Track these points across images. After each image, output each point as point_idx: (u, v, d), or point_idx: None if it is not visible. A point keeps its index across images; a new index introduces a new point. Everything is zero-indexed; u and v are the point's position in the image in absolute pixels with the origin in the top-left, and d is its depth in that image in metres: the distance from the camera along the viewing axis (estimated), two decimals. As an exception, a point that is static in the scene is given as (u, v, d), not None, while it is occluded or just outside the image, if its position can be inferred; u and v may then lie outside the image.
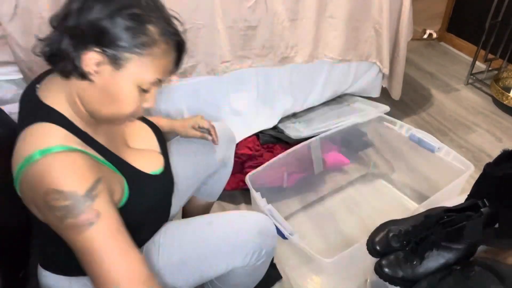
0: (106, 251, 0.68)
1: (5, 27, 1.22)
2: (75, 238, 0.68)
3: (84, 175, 0.69)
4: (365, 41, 1.77)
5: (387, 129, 1.61)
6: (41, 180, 0.67)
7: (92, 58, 0.69)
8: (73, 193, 0.67)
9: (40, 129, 0.72)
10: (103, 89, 0.72)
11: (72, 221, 0.67)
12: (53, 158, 0.68)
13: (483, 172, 1.08)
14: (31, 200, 0.74)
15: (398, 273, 1.01)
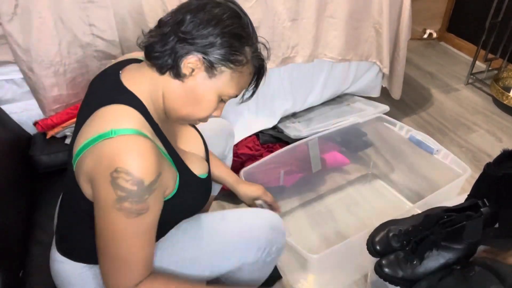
0: (137, 240, 0.75)
1: (5, 27, 1.22)
2: (120, 219, 0.72)
3: (152, 166, 0.72)
4: (365, 41, 1.77)
5: (387, 129, 1.61)
6: (115, 157, 0.70)
7: (192, 62, 0.76)
8: (140, 181, 0.71)
9: (119, 110, 0.75)
10: (190, 91, 0.79)
11: (128, 206, 0.71)
12: (128, 140, 0.71)
13: (483, 172, 1.08)
14: (88, 174, 0.74)
15: (398, 273, 1.01)
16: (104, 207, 0.73)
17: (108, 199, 0.71)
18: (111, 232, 0.74)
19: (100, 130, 0.72)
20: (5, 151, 1.20)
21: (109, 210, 0.72)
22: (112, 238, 0.74)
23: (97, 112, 0.76)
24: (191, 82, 0.78)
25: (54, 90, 1.35)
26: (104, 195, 0.72)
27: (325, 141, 1.67)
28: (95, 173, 0.73)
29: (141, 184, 0.71)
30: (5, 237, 1.02)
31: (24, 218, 1.18)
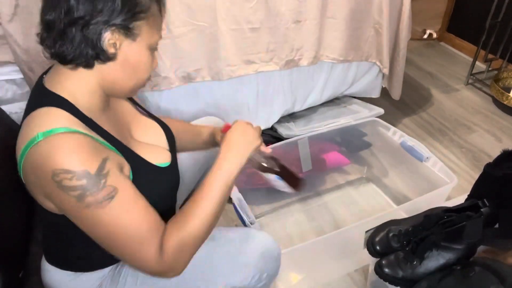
0: (130, 217, 0.72)
1: (5, 27, 1.22)
2: (97, 213, 0.69)
3: (91, 155, 0.69)
4: (365, 41, 1.77)
5: (382, 133, 1.63)
6: (46, 161, 0.67)
7: (111, 38, 0.72)
8: (84, 172, 0.67)
9: (43, 113, 0.72)
10: (125, 63, 0.76)
11: (92, 198, 0.68)
12: (57, 139, 0.68)
13: (483, 172, 1.08)
14: (36, 186, 0.73)
15: (398, 273, 1.01)
16: (74, 213, 0.70)
17: (70, 204, 0.69)
18: (101, 228, 0.71)
19: (28, 137, 0.69)
20: (5, 151, 1.19)
21: (81, 213, 0.69)
22: (108, 232, 0.71)
23: (25, 121, 0.74)
24: (121, 55, 0.75)
25: (54, 90, 1.35)
26: (64, 203, 0.69)
27: (325, 141, 1.67)
28: (40, 185, 0.70)
29: (87, 174, 0.67)
30: (5, 237, 1.02)
31: (24, 218, 1.18)
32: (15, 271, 1.04)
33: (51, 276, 0.91)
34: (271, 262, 0.95)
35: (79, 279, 0.89)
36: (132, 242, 0.72)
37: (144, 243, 0.72)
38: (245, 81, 1.67)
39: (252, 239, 0.96)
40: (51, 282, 0.91)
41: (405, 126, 2.14)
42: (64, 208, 0.71)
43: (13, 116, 1.38)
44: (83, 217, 0.70)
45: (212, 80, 1.55)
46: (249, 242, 0.95)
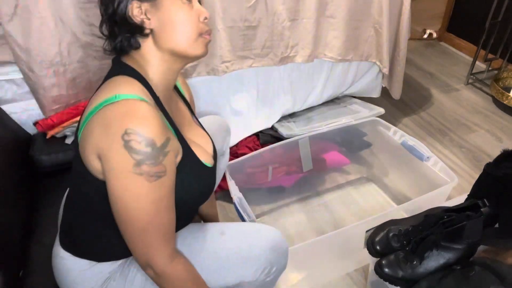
0: (159, 205, 0.74)
1: (5, 27, 1.22)
2: (142, 185, 0.71)
3: (160, 128, 0.72)
4: (365, 41, 1.77)
5: (383, 133, 1.63)
6: (121, 119, 0.70)
7: (135, 10, 0.76)
8: (152, 141, 0.70)
9: (122, 80, 0.77)
10: (162, 26, 0.79)
11: (147, 169, 0.70)
12: (133, 103, 0.72)
13: (483, 172, 1.08)
14: (96, 141, 0.73)
15: (398, 273, 1.01)
16: (121, 174, 0.71)
17: (126, 164, 0.70)
18: (135, 200, 0.72)
19: (104, 97, 0.73)
20: (5, 151, 1.20)
21: (128, 177, 0.70)
22: (138, 207, 0.72)
23: (101, 86, 0.78)
24: (154, 22, 0.78)
25: (54, 90, 1.35)
26: (120, 161, 0.70)
27: (325, 141, 1.67)
28: (104, 140, 0.71)
29: (153, 145, 0.70)
30: (5, 237, 1.02)
31: (24, 218, 1.18)
32: (15, 271, 1.04)
33: (64, 263, 0.91)
34: (280, 256, 0.96)
35: (92, 269, 0.89)
36: (150, 231, 0.74)
37: (161, 239, 0.76)
38: (245, 81, 1.67)
39: (262, 233, 0.97)
40: (62, 269, 0.91)
41: (405, 126, 2.14)
42: (114, 168, 0.71)
43: (13, 116, 1.38)
44: (127, 184, 0.71)
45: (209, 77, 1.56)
46: (259, 236, 0.96)
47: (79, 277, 0.90)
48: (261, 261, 0.92)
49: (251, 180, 1.56)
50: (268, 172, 1.59)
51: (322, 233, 1.56)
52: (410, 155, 1.49)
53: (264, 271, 0.93)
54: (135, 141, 0.69)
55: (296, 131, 1.72)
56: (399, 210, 1.27)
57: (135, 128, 0.69)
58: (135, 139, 0.69)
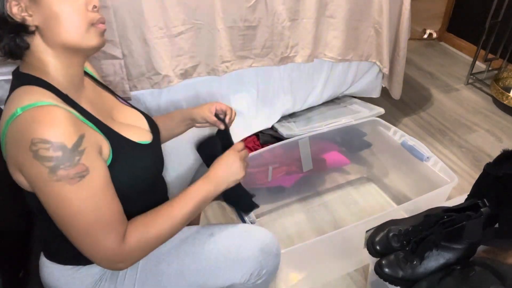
0: (96, 202, 0.72)
1: (5, 27, 1.22)
2: (65, 190, 0.69)
3: (68, 129, 0.69)
4: (365, 41, 1.77)
5: (383, 133, 1.63)
6: (26, 131, 0.68)
7: (14, 8, 0.72)
8: (61, 144, 0.68)
9: (21, 92, 0.73)
10: (46, 21, 0.74)
11: (64, 172, 0.68)
12: (36, 111, 0.69)
13: (483, 172, 1.08)
14: (12, 158, 0.72)
15: (398, 273, 1.01)
16: (42, 185, 0.70)
17: (41, 175, 0.68)
18: (66, 207, 0.70)
19: (8, 115, 0.70)
20: (5, 151, 1.19)
21: (48, 185, 0.69)
22: (71, 212, 0.71)
23: (5, 105, 0.75)
24: (37, 19, 0.74)
25: (54, 90, 1.35)
26: (35, 173, 0.69)
27: (325, 140, 1.67)
28: (17, 156, 0.70)
29: (63, 148, 0.68)
30: (5, 237, 1.02)
31: (24, 218, 1.18)
32: (15, 271, 1.04)
33: (50, 272, 0.90)
34: (270, 258, 0.94)
35: (79, 273, 0.88)
36: (93, 228, 0.73)
37: (105, 230, 0.73)
38: (245, 81, 1.67)
39: (252, 234, 0.96)
40: (50, 279, 0.91)
41: (405, 126, 2.14)
42: (34, 181, 0.71)
43: (13, 116, 1.38)
44: (50, 192, 0.70)
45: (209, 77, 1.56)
46: (248, 237, 0.95)
47: (68, 283, 0.89)
48: (250, 263, 0.91)
49: (251, 180, 1.56)
50: (268, 172, 1.59)
51: (322, 233, 1.56)
52: (410, 155, 1.49)
53: (254, 273, 0.92)
54: (43, 149, 0.67)
55: (296, 131, 1.72)
56: (399, 210, 1.27)
57: (39, 136, 0.67)
58: (42, 147, 0.67)
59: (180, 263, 0.90)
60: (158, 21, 1.39)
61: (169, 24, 1.41)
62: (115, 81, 1.45)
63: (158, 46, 1.42)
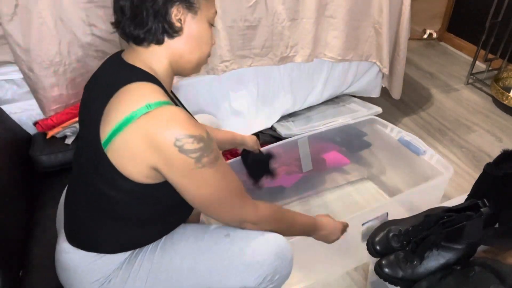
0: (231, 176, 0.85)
1: (5, 27, 1.22)
2: (209, 172, 0.78)
3: (196, 123, 0.78)
4: (365, 41, 1.77)
5: (380, 131, 1.63)
6: (166, 129, 0.74)
7: (176, 14, 0.81)
8: (201, 137, 0.76)
9: (142, 86, 0.78)
10: (189, 36, 0.84)
11: (207, 158, 0.77)
12: (168, 109, 0.75)
13: (483, 172, 1.08)
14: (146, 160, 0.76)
15: (398, 273, 1.00)
16: (187, 174, 0.77)
17: (188, 165, 0.76)
18: (208, 186, 0.80)
19: (133, 108, 0.74)
20: (5, 151, 1.20)
21: (194, 173, 0.77)
22: (213, 190, 0.81)
23: (117, 94, 0.77)
24: (187, 29, 0.83)
25: (54, 90, 1.35)
26: (181, 165, 0.76)
27: (325, 141, 1.67)
28: (157, 157, 0.75)
29: (203, 138, 0.77)
30: (5, 237, 1.02)
31: (24, 218, 1.18)
32: (15, 270, 1.04)
33: (71, 258, 0.90)
34: (284, 263, 0.94)
35: (101, 260, 0.89)
36: (235, 195, 0.86)
37: (241, 198, 0.87)
38: (245, 81, 1.68)
39: (267, 238, 0.94)
40: (69, 263, 0.91)
41: (405, 126, 2.14)
42: (177, 172, 0.77)
43: (13, 116, 1.38)
44: (195, 178, 0.78)
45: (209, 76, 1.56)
46: (264, 241, 0.94)
47: (87, 270, 0.90)
48: (264, 267, 0.90)
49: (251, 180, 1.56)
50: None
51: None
52: (408, 151, 1.49)
53: (267, 277, 0.91)
54: (188, 143, 0.74)
55: (295, 131, 1.72)
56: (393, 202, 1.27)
57: (182, 132, 0.74)
58: (187, 141, 0.74)
59: (193, 260, 0.91)
60: (158, 21, 1.39)
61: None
62: (115, 81, 1.45)
63: None
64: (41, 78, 1.31)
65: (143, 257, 0.91)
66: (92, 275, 0.90)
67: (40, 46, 1.27)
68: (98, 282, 0.89)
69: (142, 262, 0.91)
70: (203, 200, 0.83)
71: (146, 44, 0.82)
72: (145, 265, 0.91)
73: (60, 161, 1.34)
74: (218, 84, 1.63)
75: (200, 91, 1.61)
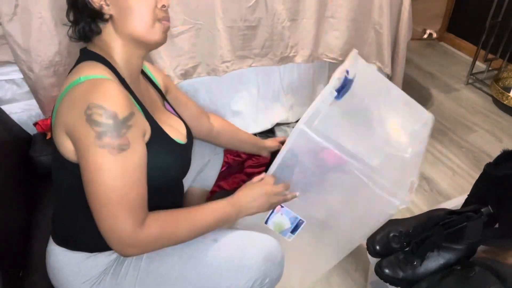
0: (128, 179, 0.75)
1: (5, 27, 1.22)
2: (104, 157, 0.72)
3: (123, 102, 0.75)
4: (366, 42, 1.77)
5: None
6: (85, 95, 0.74)
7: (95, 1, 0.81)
8: (114, 114, 0.73)
9: (87, 64, 0.81)
10: (120, 11, 0.82)
11: (109, 140, 0.72)
12: (99, 81, 0.76)
13: (483, 172, 1.08)
14: (64, 120, 0.76)
15: (398, 273, 1.00)
16: (85, 148, 0.73)
17: (88, 138, 0.72)
18: (99, 174, 0.73)
19: (71, 80, 0.77)
20: (5, 151, 1.19)
21: (91, 150, 0.72)
22: (102, 181, 0.73)
23: (70, 72, 0.83)
24: (113, 8, 0.82)
25: (54, 90, 1.35)
26: (84, 134, 0.73)
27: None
28: (70, 116, 0.75)
29: (115, 117, 0.73)
30: (5, 237, 1.02)
31: (24, 218, 1.18)
32: (15, 270, 1.04)
33: (59, 259, 0.90)
34: (274, 266, 0.93)
35: (87, 261, 0.89)
36: (117, 204, 0.74)
37: (127, 210, 0.74)
38: (245, 81, 1.68)
39: (256, 242, 0.94)
40: (57, 265, 0.91)
41: (405, 126, 2.14)
42: (79, 143, 0.74)
43: (13, 116, 1.38)
44: (91, 156, 0.73)
45: (209, 77, 1.56)
46: (253, 245, 0.93)
47: (75, 271, 0.89)
48: (253, 271, 0.90)
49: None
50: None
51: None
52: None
53: (256, 281, 0.90)
54: (97, 114, 0.71)
55: None
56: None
57: (97, 102, 0.72)
58: (97, 112, 0.72)
59: (182, 267, 0.90)
60: (158, 21, 1.39)
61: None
62: (115, 81, 1.45)
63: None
64: (41, 78, 1.31)
65: (130, 264, 0.90)
66: (80, 277, 0.89)
67: (40, 46, 1.27)
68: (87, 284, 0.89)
69: (129, 270, 0.90)
70: (92, 192, 0.74)
71: (91, 39, 0.85)
72: (132, 272, 0.89)
73: (60, 161, 1.34)
74: (218, 85, 1.63)
75: (200, 91, 1.61)
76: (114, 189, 0.74)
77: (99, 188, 0.73)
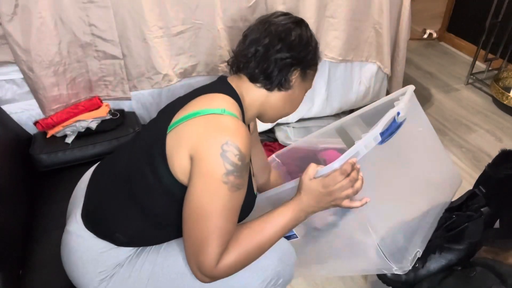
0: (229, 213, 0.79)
1: (5, 27, 1.22)
2: (224, 192, 0.77)
3: (249, 148, 0.81)
4: (365, 41, 1.77)
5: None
6: (226, 130, 0.78)
7: (295, 77, 0.91)
8: (244, 157, 0.79)
9: (227, 98, 0.86)
10: (290, 97, 0.93)
11: (233, 179, 0.77)
12: (238, 122, 0.81)
13: (484, 172, 1.08)
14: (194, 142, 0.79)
15: (401, 277, 1.00)
16: (210, 178, 0.77)
17: (218, 171, 0.76)
18: (213, 204, 0.77)
19: (209, 107, 0.82)
20: (6, 151, 1.19)
21: (216, 182, 0.77)
22: (212, 210, 0.77)
23: (203, 96, 0.86)
24: (291, 90, 0.92)
25: (54, 90, 1.35)
26: (213, 166, 0.77)
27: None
28: (204, 143, 0.78)
29: (244, 160, 0.78)
30: (5, 235, 1.02)
31: (24, 217, 1.18)
32: (15, 270, 1.04)
33: (81, 242, 0.91)
34: (287, 267, 0.94)
35: (109, 252, 0.90)
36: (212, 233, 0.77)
37: (218, 242, 0.78)
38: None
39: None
40: (79, 248, 0.91)
41: (405, 126, 2.14)
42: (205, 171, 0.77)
43: (13, 116, 1.38)
44: (212, 188, 0.77)
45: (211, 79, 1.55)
46: None
47: (95, 258, 0.90)
48: (268, 272, 0.91)
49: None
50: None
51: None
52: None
53: (271, 282, 0.91)
54: (233, 153, 0.77)
55: (292, 139, 1.73)
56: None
57: (235, 142, 0.77)
58: (233, 151, 0.77)
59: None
60: (158, 21, 1.39)
61: (168, 24, 1.41)
62: (115, 82, 1.44)
63: (158, 45, 1.42)
64: (41, 78, 1.31)
65: (145, 258, 0.91)
66: (98, 265, 0.90)
67: (40, 46, 1.27)
68: (101, 275, 0.89)
69: (144, 263, 0.91)
70: (192, 208, 0.78)
71: (258, 85, 0.91)
72: (147, 266, 0.90)
73: (60, 160, 1.34)
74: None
75: (200, 91, 1.60)
76: (216, 220, 0.77)
77: (208, 216, 0.77)
